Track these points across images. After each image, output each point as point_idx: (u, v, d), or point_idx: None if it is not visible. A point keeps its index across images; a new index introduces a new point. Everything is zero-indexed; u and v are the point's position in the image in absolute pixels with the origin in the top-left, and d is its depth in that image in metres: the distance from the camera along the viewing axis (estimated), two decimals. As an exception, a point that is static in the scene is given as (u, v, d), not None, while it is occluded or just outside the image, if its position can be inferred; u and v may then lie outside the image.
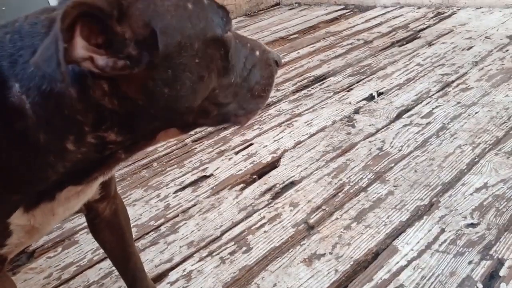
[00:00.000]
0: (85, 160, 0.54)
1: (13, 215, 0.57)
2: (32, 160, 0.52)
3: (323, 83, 2.07)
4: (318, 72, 2.21)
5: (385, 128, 1.61)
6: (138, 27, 0.48)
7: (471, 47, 2.24)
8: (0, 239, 0.59)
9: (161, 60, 0.50)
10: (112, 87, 0.49)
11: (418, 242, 1.07)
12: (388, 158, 1.42)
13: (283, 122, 1.75)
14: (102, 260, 1.13)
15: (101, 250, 1.16)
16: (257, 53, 0.63)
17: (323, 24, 3.08)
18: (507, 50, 2.15)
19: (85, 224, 1.26)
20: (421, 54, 2.25)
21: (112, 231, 0.84)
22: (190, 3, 0.53)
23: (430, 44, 2.38)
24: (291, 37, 2.89)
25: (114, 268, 1.09)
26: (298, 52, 2.53)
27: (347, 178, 1.35)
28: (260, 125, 1.76)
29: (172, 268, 1.08)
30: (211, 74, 0.55)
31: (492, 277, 0.95)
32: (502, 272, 0.96)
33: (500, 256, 1.00)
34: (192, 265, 1.08)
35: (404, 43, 2.45)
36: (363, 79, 2.05)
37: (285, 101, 1.93)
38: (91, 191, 0.67)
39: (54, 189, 0.57)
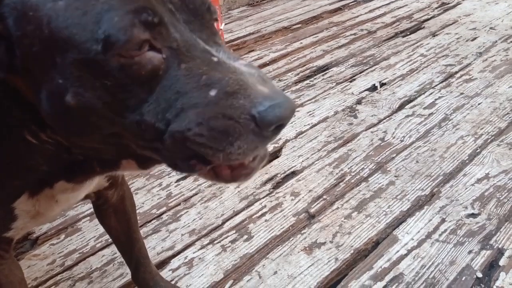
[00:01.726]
0: (59, 157, 0.54)
1: (17, 200, 0.58)
2: (17, 149, 0.53)
3: (326, 73, 2.06)
4: (320, 62, 2.20)
5: (387, 118, 1.61)
6: (5, 26, 0.42)
7: (475, 38, 2.23)
8: (6, 223, 0.60)
9: (21, 64, 0.44)
10: (11, 89, 0.47)
11: (419, 231, 1.08)
12: (390, 149, 1.42)
13: (285, 112, 1.75)
14: (104, 247, 1.15)
15: (104, 238, 1.17)
16: (212, 92, 0.41)
17: (326, 14, 3.05)
18: (511, 41, 2.13)
19: (88, 212, 1.28)
20: (424, 44, 2.24)
21: (118, 217, 0.84)
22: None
23: (434, 34, 2.36)
24: (294, 27, 2.87)
25: (116, 255, 1.11)
26: (301, 42, 2.52)
27: (348, 168, 1.35)
28: (262, 115, 1.76)
29: (173, 256, 1.09)
30: (87, 99, 0.42)
31: (491, 266, 0.96)
32: (501, 262, 0.96)
33: (500, 246, 1.00)
34: (193, 253, 1.09)
35: (408, 33, 2.43)
36: (366, 69, 2.04)
37: (287, 91, 1.93)
38: (86, 189, 0.67)
39: (52, 179, 0.57)
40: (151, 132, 0.43)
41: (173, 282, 1.01)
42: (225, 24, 3.01)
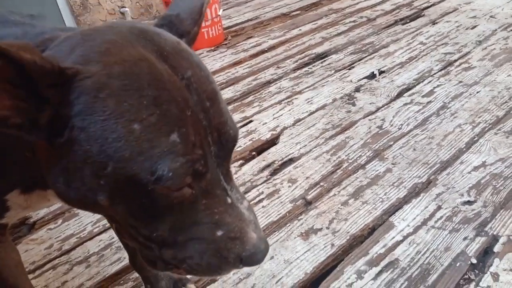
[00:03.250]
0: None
1: (9, 194, 0.58)
2: (12, 156, 0.54)
3: (325, 60, 2.05)
4: (319, 49, 2.18)
5: (385, 106, 1.61)
6: (66, 103, 0.43)
7: (475, 26, 2.21)
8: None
9: (57, 147, 0.45)
10: None
11: (415, 218, 1.08)
12: (388, 136, 1.42)
13: (283, 100, 1.74)
14: (102, 232, 1.15)
15: (101, 223, 1.17)
16: (219, 233, 0.49)
17: (325, 1, 3.02)
18: (511, 30, 2.12)
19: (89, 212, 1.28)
20: (424, 32, 2.22)
21: None
22: (138, 124, 0.43)
23: (434, 22, 2.34)
24: (293, 13, 2.85)
25: (114, 240, 1.11)
26: (300, 29, 2.50)
27: (346, 156, 1.36)
28: (260, 102, 1.75)
29: (171, 241, 1.10)
30: (112, 202, 0.46)
31: (486, 252, 0.97)
32: (496, 248, 0.97)
33: (495, 233, 1.01)
34: (190, 238, 1.10)
35: (408, 21, 2.41)
36: (365, 57, 2.03)
37: (286, 79, 1.92)
38: None
39: (46, 184, 0.58)
40: (156, 239, 0.49)
41: (170, 267, 1.01)
42: (223, 10, 2.98)
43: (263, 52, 2.25)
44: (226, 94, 1.85)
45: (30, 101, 0.42)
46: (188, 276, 0.96)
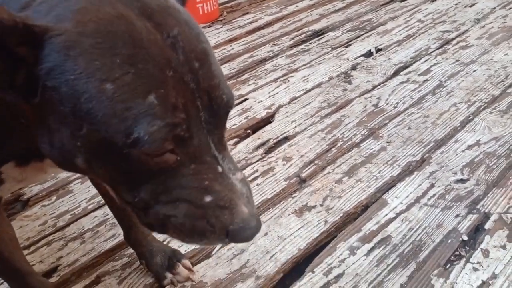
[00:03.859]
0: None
1: (4, 166, 0.57)
2: (9, 125, 0.53)
3: (321, 38, 2.02)
4: (316, 26, 2.15)
5: (381, 85, 1.59)
6: (38, 62, 0.42)
7: (474, 4, 2.18)
8: None
9: (35, 108, 0.44)
10: None
11: (408, 196, 1.09)
12: (383, 115, 1.42)
13: (279, 78, 1.73)
14: (96, 208, 1.15)
15: (96, 199, 1.17)
16: (207, 199, 0.46)
17: (323, -23, 2.96)
18: (510, 8, 2.09)
19: (79, 174, 1.27)
20: (422, 10, 2.19)
21: None
22: (110, 84, 0.41)
23: (432, 0, 2.30)
24: (290, -10, 2.79)
25: (108, 216, 1.12)
26: (297, 6, 2.45)
27: (340, 134, 1.35)
28: (255, 80, 1.73)
29: (165, 218, 1.10)
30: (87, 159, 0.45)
31: (477, 230, 0.98)
32: (487, 226, 0.99)
33: (486, 211, 1.02)
34: (185, 215, 1.10)
35: (406, -2, 2.37)
36: (362, 34, 2.00)
37: (282, 56, 1.89)
38: None
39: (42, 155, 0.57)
40: (140, 203, 0.48)
41: (165, 243, 1.02)
42: (219, -14, 2.91)
43: (259, 28, 2.21)
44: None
45: (4, 61, 0.41)
46: (182, 252, 0.97)
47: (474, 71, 1.60)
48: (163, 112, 0.41)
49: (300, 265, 0.95)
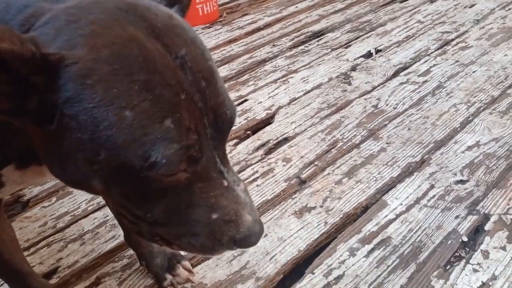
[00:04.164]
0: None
1: (4, 168, 0.57)
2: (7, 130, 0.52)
3: (321, 39, 2.02)
4: (316, 27, 2.15)
5: (381, 85, 1.60)
6: (54, 90, 0.41)
7: (473, 5, 2.18)
8: None
9: (49, 133, 0.44)
10: None
11: (407, 197, 1.09)
12: (383, 116, 1.42)
13: (278, 79, 1.73)
14: (96, 210, 1.15)
15: (96, 201, 1.17)
16: (214, 216, 0.49)
17: (323, -22, 2.96)
18: (509, 9, 2.10)
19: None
20: (422, 11, 2.19)
21: None
22: (129, 111, 0.41)
23: (432, 0, 2.31)
24: (290, -9, 2.79)
25: (108, 217, 1.12)
26: (297, 6, 2.45)
27: (340, 135, 1.35)
28: (255, 81, 1.73)
29: (165, 219, 1.10)
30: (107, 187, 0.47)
31: (477, 231, 0.98)
32: (487, 227, 0.99)
33: (486, 212, 1.02)
34: (185, 216, 1.10)
35: (406, -1, 2.38)
36: (362, 35, 2.00)
37: (282, 57, 1.89)
38: None
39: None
40: (149, 219, 0.49)
41: (164, 244, 1.02)
42: (219, -13, 2.91)
43: (258, 29, 2.21)
44: (221, 72, 1.83)
45: (16, 87, 0.41)
46: (183, 253, 0.97)
47: (473, 72, 1.60)
48: (179, 135, 0.43)
49: (300, 267, 0.95)
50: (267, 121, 1.47)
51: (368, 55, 1.82)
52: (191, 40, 0.47)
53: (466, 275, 0.88)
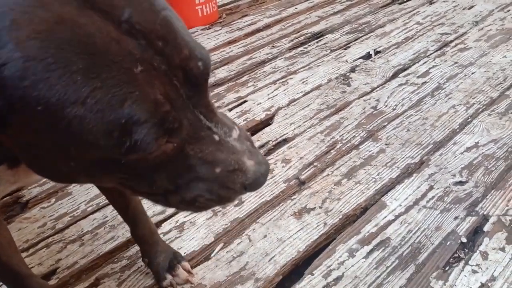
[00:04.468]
0: None
1: None
2: None
3: (320, 40, 2.03)
4: (315, 28, 2.16)
5: (380, 87, 1.60)
6: None
7: (472, 6, 2.19)
8: None
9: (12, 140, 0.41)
10: None
11: (406, 198, 1.09)
12: (382, 117, 1.42)
13: (278, 80, 1.73)
14: (95, 211, 1.15)
15: (95, 202, 1.17)
16: (217, 170, 0.47)
17: (322, -21, 2.97)
18: (508, 10, 2.10)
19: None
20: (421, 12, 2.20)
21: None
22: (80, 107, 0.37)
23: (431, 2, 2.31)
24: (289, -8, 2.79)
25: (107, 218, 1.12)
26: (296, 8, 2.46)
27: (339, 136, 1.36)
28: (254, 82, 1.73)
29: (165, 220, 1.10)
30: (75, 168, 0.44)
31: (476, 232, 0.98)
32: (486, 228, 0.99)
33: (485, 213, 1.02)
34: (184, 217, 1.10)
35: (405, 0, 2.38)
36: (361, 37, 2.01)
37: (281, 58, 1.90)
38: None
39: None
40: (159, 189, 0.48)
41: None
42: (218, -12, 2.91)
43: (258, 31, 2.22)
44: (220, 73, 1.83)
45: None
46: (182, 254, 0.97)
47: (472, 73, 1.61)
48: (146, 114, 0.38)
49: (299, 268, 0.95)
50: (267, 122, 1.47)
51: (367, 56, 1.83)
52: None
53: (465, 276, 0.88)
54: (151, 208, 1.14)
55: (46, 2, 0.37)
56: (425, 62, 1.72)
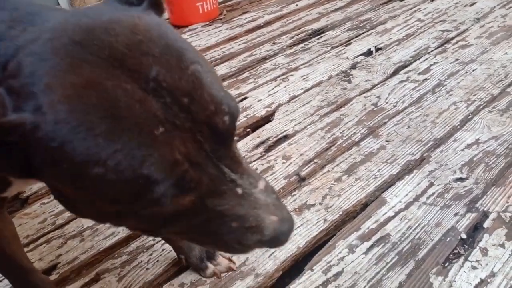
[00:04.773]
0: None
1: None
2: None
3: (321, 37, 2.02)
4: (316, 25, 2.15)
5: (381, 83, 1.60)
6: (30, 153, 0.41)
7: (473, 3, 2.18)
8: (2, 187, 0.61)
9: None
10: None
11: (407, 194, 1.09)
12: (383, 114, 1.42)
13: (278, 76, 1.73)
14: (96, 207, 1.15)
15: (95, 197, 1.17)
16: (234, 224, 0.46)
17: (323, -24, 2.96)
18: (510, 7, 2.09)
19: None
20: (422, 9, 2.19)
21: None
22: (101, 168, 0.39)
23: (432, -1, 2.30)
24: (290, -11, 2.78)
25: (107, 214, 1.12)
26: (297, 5, 2.45)
27: (340, 133, 1.35)
28: (255, 78, 1.73)
29: (165, 216, 1.10)
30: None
31: (476, 228, 0.98)
32: (486, 224, 0.99)
33: (485, 209, 1.02)
34: (184, 213, 1.10)
35: (406, -3, 2.37)
36: (362, 33, 2.00)
37: (282, 55, 1.89)
38: None
39: None
40: (170, 234, 0.51)
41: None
42: (219, -16, 2.91)
43: (259, 27, 2.21)
44: (221, 70, 1.83)
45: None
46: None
47: (473, 70, 1.60)
48: (164, 175, 0.39)
49: (299, 263, 0.95)
50: (267, 118, 1.47)
51: (368, 53, 1.82)
52: (163, 50, 0.42)
53: (465, 272, 0.89)
54: (151, 204, 1.14)
55: (78, 65, 0.39)
56: (426, 59, 1.72)
